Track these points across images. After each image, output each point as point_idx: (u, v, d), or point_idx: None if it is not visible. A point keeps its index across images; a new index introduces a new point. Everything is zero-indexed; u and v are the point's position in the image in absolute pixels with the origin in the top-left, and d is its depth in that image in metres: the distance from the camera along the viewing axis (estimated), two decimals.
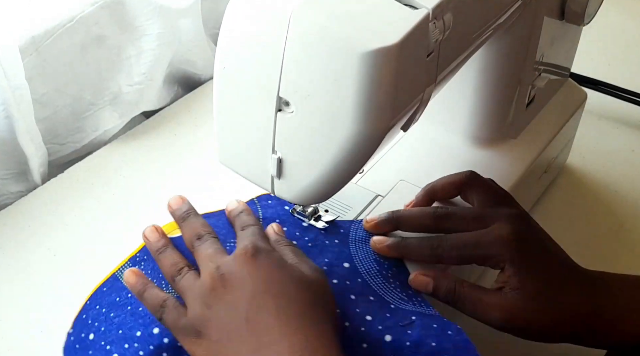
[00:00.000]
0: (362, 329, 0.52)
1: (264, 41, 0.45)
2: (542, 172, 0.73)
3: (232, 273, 0.49)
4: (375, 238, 0.58)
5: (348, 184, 0.51)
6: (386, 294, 0.56)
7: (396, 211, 0.59)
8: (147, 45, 0.83)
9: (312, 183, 0.49)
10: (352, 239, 0.59)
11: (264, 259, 0.50)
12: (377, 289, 0.56)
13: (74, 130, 0.82)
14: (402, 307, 0.55)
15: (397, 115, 0.47)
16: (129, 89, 0.84)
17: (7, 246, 0.72)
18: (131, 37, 0.82)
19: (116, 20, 0.80)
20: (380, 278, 0.57)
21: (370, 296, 0.55)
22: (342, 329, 0.52)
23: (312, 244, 0.58)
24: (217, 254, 0.51)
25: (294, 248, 0.54)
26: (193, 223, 0.55)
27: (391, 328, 0.52)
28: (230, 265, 0.50)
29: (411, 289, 0.56)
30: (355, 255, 0.58)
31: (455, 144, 0.69)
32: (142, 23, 0.82)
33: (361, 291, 0.55)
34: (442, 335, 0.52)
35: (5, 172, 0.76)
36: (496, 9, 0.54)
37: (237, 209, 0.57)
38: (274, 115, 0.47)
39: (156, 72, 0.86)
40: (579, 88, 0.78)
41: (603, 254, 0.71)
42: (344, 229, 0.60)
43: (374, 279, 0.56)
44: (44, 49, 0.74)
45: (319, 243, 0.58)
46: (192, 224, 0.55)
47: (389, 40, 0.43)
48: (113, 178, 0.80)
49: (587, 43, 0.78)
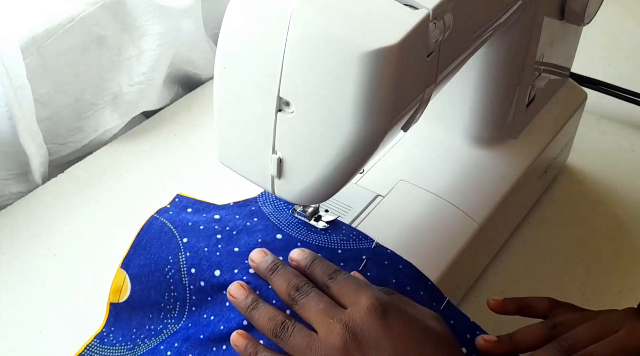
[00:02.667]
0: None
1: (264, 41, 0.45)
2: (542, 172, 0.73)
3: (364, 332, 0.47)
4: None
5: (348, 184, 0.51)
6: (329, 243, 0.57)
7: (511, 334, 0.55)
8: (148, 45, 0.83)
9: (312, 183, 0.49)
10: (268, 213, 0.60)
11: (394, 316, 0.48)
12: (319, 243, 0.57)
13: (74, 130, 0.82)
14: (349, 247, 0.57)
15: (397, 115, 0.47)
16: (129, 89, 0.84)
17: (7, 246, 0.72)
18: (132, 37, 0.82)
19: (117, 21, 0.80)
20: (317, 234, 0.58)
21: (319, 253, 0.55)
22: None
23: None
24: (332, 310, 0.49)
25: (400, 296, 0.52)
26: (285, 274, 0.52)
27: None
28: (359, 323, 0.47)
29: (352, 232, 0.58)
30: (281, 225, 0.59)
31: (455, 144, 0.69)
32: (143, 23, 0.82)
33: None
34: (398, 272, 0.55)
35: (7, 172, 0.76)
36: (496, 9, 0.54)
37: (306, 258, 0.54)
38: (274, 115, 0.47)
39: (156, 73, 0.86)
40: (579, 88, 0.78)
41: (603, 254, 0.71)
42: (253, 206, 0.61)
43: (311, 236, 0.57)
44: (45, 49, 0.74)
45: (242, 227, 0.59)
46: (284, 275, 0.52)
47: (389, 41, 0.43)
48: (113, 178, 0.80)
49: (587, 43, 0.78)
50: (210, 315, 0.55)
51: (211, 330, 0.55)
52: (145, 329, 0.58)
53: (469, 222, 0.63)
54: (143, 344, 0.57)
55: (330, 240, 0.58)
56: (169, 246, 0.58)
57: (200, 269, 0.56)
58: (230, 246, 0.57)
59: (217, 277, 0.55)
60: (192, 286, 0.56)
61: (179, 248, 0.57)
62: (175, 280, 0.57)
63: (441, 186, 0.65)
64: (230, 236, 0.58)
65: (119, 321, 0.59)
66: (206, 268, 0.56)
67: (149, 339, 0.57)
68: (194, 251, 0.57)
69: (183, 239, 0.58)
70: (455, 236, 0.62)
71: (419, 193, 0.64)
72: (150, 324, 0.58)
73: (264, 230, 0.58)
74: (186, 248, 0.57)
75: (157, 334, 0.57)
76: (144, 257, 0.58)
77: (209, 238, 0.58)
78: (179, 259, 0.57)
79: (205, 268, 0.56)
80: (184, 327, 0.56)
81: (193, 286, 0.56)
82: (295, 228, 0.59)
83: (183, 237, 0.58)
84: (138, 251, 0.59)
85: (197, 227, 0.59)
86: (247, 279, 0.54)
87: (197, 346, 0.55)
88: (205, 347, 0.54)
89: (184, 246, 0.57)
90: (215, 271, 0.55)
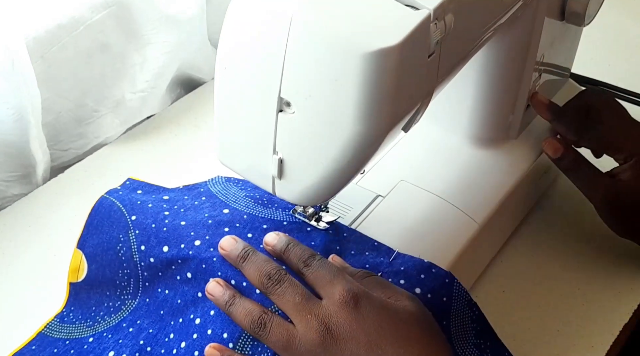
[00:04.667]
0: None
1: (265, 42, 0.45)
2: (542, 172, 0.73)
3: (340, 326, 0.48)
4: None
5: (349, 185, 0.51)
6: (274, 216, 0.58)
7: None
8: (152, 53, 0.83)
9: (313, 183, 0.49)
10: (216, 191, 0.61)
11: (367, 305, 0.49)
12: (265, 216, 0.58)
13: (76, 136, 0.82)
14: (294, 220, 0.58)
15: (398, 116, 0.47)
16: (132, 97, 0.84)
17: (7, 246, 0.72)
18: (136, 45, 0.82)
19: (122, 28, 0.80)
20: (263, 207, 0.59)
21: (264, 225, 0.57)
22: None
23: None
24: (307, 303, 0.49)
25: (375, 278, 0.53)
26: (256, 262, 0.52)
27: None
28: (334, 317, 0.48)
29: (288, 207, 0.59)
30: (228, 201, 0.60)
31: (455, 144, 0.69)
32: (148, 32, 0.82)
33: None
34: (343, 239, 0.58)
35: (10, 174, 0.76)
36: (497, 10, 0.54)
37: (281, 241, 0.54)
38: (275, 115, 0.47)
39: (161, 81, 0.86)
40: (579, 88, 0.78)
41: (603, 254, 0.71)
42: (202, 188, 0.62)
43: (258, 209, 0.59)
44: (50, 55, 0.74)
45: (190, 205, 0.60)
46: (255, 263, 0.52)
47: (390, 41, 0.43)
48: (113, 178, 0.79)
49: (587, 43, 0.78)
50: (165, 289, 0.57)
51: (169, 304, 0.56)
52: (104, 306, 0.59)
53: (469, 222, 0.63)
54: (103, 321, 0.59)
55: (276, 214, 0.59)
56: (119, 224, 0.59)
57: (149, 245, 0.57)
58: (176, 220, 0.58)
59: (166, 253, 0.57)
60: (143, 263, 0.57)
61: (128, 225, 0.59)
62: (127, 257, 0.58)
63: (441, 186, 0.65)
64: (177, 212, 0.59)
65: (78, 301, 0.61)
66: (155, 244, 0.57)
67: (108, 316, 0.59)
68: (142, 228, 0.58)
69: (132, 217, 0.59)
70: (455, 236, 0.62)
71: (419, 193, 0.64)
72: (108, 301, 0.59)
73: (210, 207, 0.60)
74: (135, 225, 0.59)
75: (116, 311, 0.59)
76: (97, 236, 0.60)
77: (156, 215, 0.59)
78: (129, 237, 0.58)
79: (154, 245, 0.57)
80: (142, 302, 0.58)
81: (144, 263, 0.57)
82: (243, 202, 0.60)
83: (131, 215, 0.59)
84: (91, 231, 0.61)
85: (146, 205, 0.60)
86: (193, 253, 0.55)
87: (157, 321, 0.56)
88: (165, 321, 0.56)
89: (132, 223, 0.59)
90: (164, 247, 0.57)
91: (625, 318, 0.65)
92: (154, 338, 0.56)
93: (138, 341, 0.56)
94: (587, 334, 0.64)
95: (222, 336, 0.52)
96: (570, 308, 0.66)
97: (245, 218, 0.58)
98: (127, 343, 0.57)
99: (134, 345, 0.56)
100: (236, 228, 0.57)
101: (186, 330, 0.54)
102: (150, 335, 0.56)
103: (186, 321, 0.54)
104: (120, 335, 0.57)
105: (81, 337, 0.59)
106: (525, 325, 0.64)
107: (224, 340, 0.52)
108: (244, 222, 0.57)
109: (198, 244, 0.56)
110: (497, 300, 0.67)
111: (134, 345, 0.56)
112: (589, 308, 0.66)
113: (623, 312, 0.65)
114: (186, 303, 0.55)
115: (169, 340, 0.55)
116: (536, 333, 0.64)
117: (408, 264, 0.56)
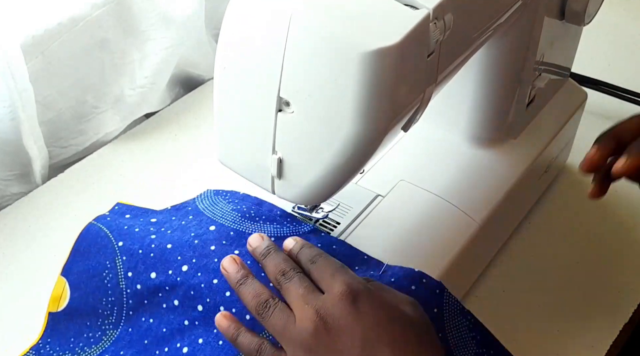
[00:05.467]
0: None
1: (264, 41, 0.45)
2: (542, 172, 0.73)
3: (335, 319, 0.48)
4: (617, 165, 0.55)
5: (348, 184, 0.51)
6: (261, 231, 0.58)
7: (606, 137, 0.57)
8: (152, 50, 0.83)
9: (312, 183, 0.49)
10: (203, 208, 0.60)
11: (365, 301, 0.49)
12: (252, 231, 0.57)
13: (76, 133, 0.82)
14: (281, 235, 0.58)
15: (397, 115, 0.47)
16: (131, 93, 0.84)
17: (7, 246, 0.72)
18: (135, 41, 0.82)
19: (121, 25, 0.80)
20: (250, 222, 0.58)
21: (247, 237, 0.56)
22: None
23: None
24: (309, 295, 0.50)
25: (376, 283, 0.53)
26: (275, 259, 0.53)
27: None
28: (330, 310, 0.48)
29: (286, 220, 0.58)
30: (215, 217, 0.59)
31: (455, 144, 0.69)
32: (147, 28, 0.82)
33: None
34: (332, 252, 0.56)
35: (8, 173, 0.76)
36: (497, 9, 0.54)
37: (296, 245, 0.55)
38: (275, 115, 0.47)
39: (160, 77, 0.86)
40: (579, 88, 0.78)
41: (603, 254, 0.71)
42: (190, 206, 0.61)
43: (245, 225, 0.58)
44: (49, 52, 0.74)
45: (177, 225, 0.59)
46: (274, 259, 0.53)
47: (390, 41, 0.43)
48: (113, 178, 0.80)
49: (587, 43, 0.78)
50: (149, 318, 0.56)
51: (154, 334, 0.55)
52: (84, 337, 0.58)
53: (469, 222, 0.63)
54: (82, 352, 0.57)
55: (263, 229, 0.58)
56: (106, 250, 0.58)
57: (136, 272, 0.56)
58: (163, 244, 0.57)
59: (153, 279, 0.55)
60: (129, 290, 0.56)
61: (115, 252, 0.58)
62: (112, 285, 0.57)
63: (441, 186, 0.65)
64: (164, 235, 0.58)
65: (55, 332, 0.59)
66: (142, 270, 0.56)
67: (88, 347, 0.57)
68: (129, 254, 0.57)
69: (118, 243, 0.58)
70: (455, 236, 0.62)
71: (419, 193, 0.64)
72: (88, 332, 0.58)
73: (197, 225, 0.59)
74: (122, 251, 0.57)
75: (96, 341, 0.57)
76: (82, 263, 0.59)
77: (142, 239, 0.58)
78: (116, 264, 0.57)
79: (141, 271, 0.56)
80: (124, 332, 0.56)
81: (130, 290, 0.56)
82: (230, 216, 0.59)
83: (119, 241, 0.58)
84: (77, 257, 0.59)
85: (133, 230, 0.59)
86: (181, 279, 0.55)
87: (142, 351, 0.55)
88: (150, 351, 0.55)
89: (119, 249, 0.57)
90: (152, 274, 0.56)
91: (625, 318, 0.65)
92: None
93: None
94: (587, 334, 0.64)
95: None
96: (570, 308, 0.66)
97: (231, 234, 0.57)
98: None
99: None
100: (223, 245, 0.56)
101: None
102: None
103: (172, 351, 0.54)
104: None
105: None
106: (525, 325, 0.64)
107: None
108: (230, 239, 0.57)
109: (185, 269, 0.55)
110: (497, 299, 0.67)
111: None
112: (589, 308, 0.66)
113: (623, 312, 0.65)
114: (172, 331, 0.54)
115: None
116: (536, 333, 0.64)
117: (398, 275, 0.56)
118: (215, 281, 0.54)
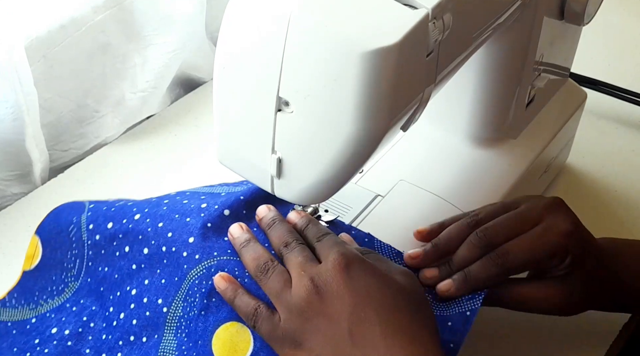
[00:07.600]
0: None
1: (263, 41, 0.45)
2: (542, 172, 0.73)
3: (327, 285, 0.49)
4: (441, 286, 0.55)
5: (348, 184, 0.51)
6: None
7: (434, 241, 0.57)
8: (153, 54, 0.84)
9: (312, 183, 0.49)
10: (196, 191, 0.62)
11: (357, 269, 0.50)
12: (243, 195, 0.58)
13: (76, 136, 0.83)
14: None
15: (396, 115, 0.47)
16: (132, 97, 0.84)
17: (7, 246, 0.72)
18: (137, 46, 0.83)
19: (123, 29, 0.80)
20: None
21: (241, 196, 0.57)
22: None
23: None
24: (307, 263, 0.51)
25: (376, 254, 0.54)
26: (279, 230, 0.54)
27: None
28: (323, 276, 0.50)
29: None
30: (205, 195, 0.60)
31: (455, 144, 0.69)
32: (150, 32, 0.82)
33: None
34: None
35: (9, 173, 0.76)
36: (496, 9, 0.55)
37: (302, 221, 0.56)
38: (274, 115, 0.47)
39: (161, 81, 0.86)
40: (579, 88, 0.78)
41: None
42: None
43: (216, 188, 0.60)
44: (52, 55, 0.75)
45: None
46: (279, 230, 0.54)
47: (389, 40, 0.43)
48: (113, 178, 0.80)
49: (587, 43, 0.78)
50: (105, 267, 0.58)
51: (108, 281, 0.58)
52: (47, 291, 0.61)
53: None
54: (46, 304, 0.60)
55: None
56: (78, 210, 0.61)
57: (96, 224, 0.59)
58: (128, 202, 0.59)
59: (109, 229, 0.58)
60: (90, 241, 0.59)
61: (84, 210, 0.60)
62: (77, 238, 0.59)
63: (441, 186, 0.65)
64: (134, 201, 0.60)
65: (22, 288, 0.62)
66: (101, 222, 0.58)
67: (51, 299, 0.60)
68: (94, 210, 0.60)
69: (90, 205, 0.61)
70: None
71: (418, 193, 0.64)
72: (52, 285, 0.61)
73: (179, 194, 0.61)
74: (90, 209, 0.60)
75: (59, 293, 0.60)
76: (54, 222, 0.61)
77: (113, 202, 0.60)
78: (80, 219, 0.60)
79: (100, 222, 0.58)
80: (84, 283, 0.59)
81: (91, 241, 0.59)
82: (219, 189, 0.60)
83: (91, 204, 0.61)
84: (50, 217, 0.62)
85: (109, 202, 0.61)
86: (132, 227, 0.57)
87: (99, 298, 0.58)
88: (105, 297, 0.58)
89: (89, 209, 0.60)
90: (109, 224, 0.58)
91: (625, 318, 0.65)
92: (96, 314, 0.58)
93: (81, 317, 0.58)
94: (587, 334, 0.64)
95: (157, 302, 0.54)
96: None
97: (203, 199, 0.58)
98: (70, 320, 0.58)
99: (77, 321, 0.58)
100: (187, 203, 0.58)
101: (124, 301, 0.56)
102: (93, 311, 0.58)
103: (123, 294, 0.56)
104: (63, 313, 0.59)
105: (24, 319, 0.60)
106: (525, 325, 0.64)
107: (158, 306, 0.54)
108: (219, 199, 0.58)
109: (137, 217, 0.57)
110: None
111: (76, 322, 0.58)
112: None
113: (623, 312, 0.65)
114: (122, 276, 0.57)
115: (109, 314, 0.57)
116: (536, 333, 0.64)
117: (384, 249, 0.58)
118: (161, 224, 0.56)
